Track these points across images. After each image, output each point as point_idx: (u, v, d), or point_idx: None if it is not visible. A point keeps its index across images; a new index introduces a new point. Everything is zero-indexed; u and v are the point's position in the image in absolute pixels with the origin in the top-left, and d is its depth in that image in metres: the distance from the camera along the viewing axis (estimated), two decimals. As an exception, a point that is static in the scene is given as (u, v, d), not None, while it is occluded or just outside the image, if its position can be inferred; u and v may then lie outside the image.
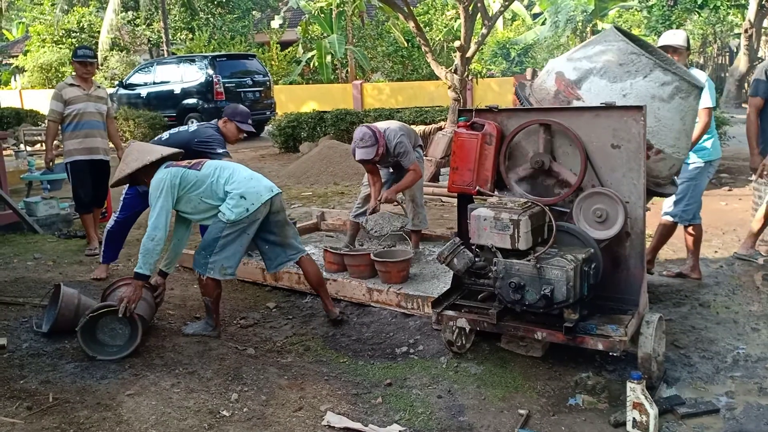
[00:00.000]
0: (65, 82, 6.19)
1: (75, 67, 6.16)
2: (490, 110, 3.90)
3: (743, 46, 18.39)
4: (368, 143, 5.10)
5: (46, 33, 26.32)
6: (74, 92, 6.04)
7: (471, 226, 3.51)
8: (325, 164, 10.68)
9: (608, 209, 3.51)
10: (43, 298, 4.49)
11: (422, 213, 5.76)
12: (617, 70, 3.62)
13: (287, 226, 4.44)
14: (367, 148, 5.11)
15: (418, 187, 5.67)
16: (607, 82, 3.62)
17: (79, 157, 6.04)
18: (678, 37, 4.91)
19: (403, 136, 5.29)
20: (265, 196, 4.14)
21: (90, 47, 6.52)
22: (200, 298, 4.47)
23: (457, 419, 3.30)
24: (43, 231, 6.98)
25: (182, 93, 16.03)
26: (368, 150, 5.11)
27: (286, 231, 4.42)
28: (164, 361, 3.82)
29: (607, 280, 3.61)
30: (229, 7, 27.52)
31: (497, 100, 13.15)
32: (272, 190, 4.22)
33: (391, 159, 5.37)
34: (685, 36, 4.95)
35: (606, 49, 3.70)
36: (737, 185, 8.60)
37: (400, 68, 21.27)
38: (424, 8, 22.38)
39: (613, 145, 3.54)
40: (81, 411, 3.21)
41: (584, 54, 3.78)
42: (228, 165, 4.29)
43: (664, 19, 17.62)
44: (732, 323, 4.32)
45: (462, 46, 10.22)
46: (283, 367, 3.89)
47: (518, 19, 26.75)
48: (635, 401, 3.07)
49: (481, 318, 3.60)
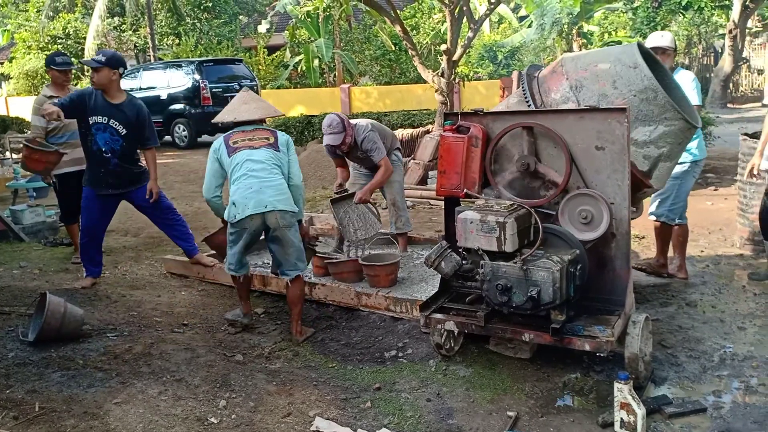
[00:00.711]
0: (43, 95, 5.95)
1: (54, 75, 5.92)
2: (476, 113, 3.91)
3: (728, 46, 18.51)
4: (336, 129, 5.18)
5: (31, 40, 26.12)
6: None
7: (458, 229, 3.52)
8: (313, 168, 10.66)
9: (593, 210, 3.53)
10: (29, 307, 4.46)
11: (405, 216, 5.76)
12: (677, 149, 3.91)
13: (286, 245, 4.31)
14: (335, 135, 5.19)
15: (399, 190, 5.68)
16: (669, 164, 3.93)
17: (67, 169, 5.82)
18: (665, 38, 4.98)
19: (372, 132, 5.34)
20: (251, 210, 4.14)
21: (66, 54, 6.40)
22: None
23: (446, 422, 3.30)
24: (29, 239, 6.94)
25: (169, 99, 15.97)
26: (336, 136, 5.19)
27: (284, 249, 4.32)
28: (151, 369, 3.80)
29: (594, 281, 3.64)
30: (216, 11, 27.42)
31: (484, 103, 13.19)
32: (264, 207, 4.16)
33: (360, 153, 5.42)
34: (671, 37, 5.02)
35: (669, 131, 3.76)
36: (723, 185, 8.66)
37: (387, 72, 21.29)
38: (410, 12, 22.42)
39: (598, 147, 3.57)
40: (68, 420, 3.18)
41: (648, 138, 3.76)
42: (248, 166, 4.24)
43: (649, 20, 17.71)
44: (719, 322, 4.35)
45: (448, 50, 10.25)
46: (271, 373, 3.88)
47: (504, 22, 26.82)
48: (623, 401, 3.09)
49: (469, 320, 3.61)
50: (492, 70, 23.42)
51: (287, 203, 4.26)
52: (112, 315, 4.63)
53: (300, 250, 4.39)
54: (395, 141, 5.76)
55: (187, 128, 15.96)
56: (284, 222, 4.24)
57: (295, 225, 4.36)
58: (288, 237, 4.28)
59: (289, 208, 4.26)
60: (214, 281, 5.46)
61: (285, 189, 4.30)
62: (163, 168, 12.32)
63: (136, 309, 4.80)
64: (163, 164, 12.93)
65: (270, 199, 4.18)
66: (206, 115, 15.72)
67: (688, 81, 4.85)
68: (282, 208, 4.21)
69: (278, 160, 4.35)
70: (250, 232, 4.27)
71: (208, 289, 5.39)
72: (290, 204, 4.29)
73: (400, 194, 5.72)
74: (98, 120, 5.06)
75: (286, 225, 4.25)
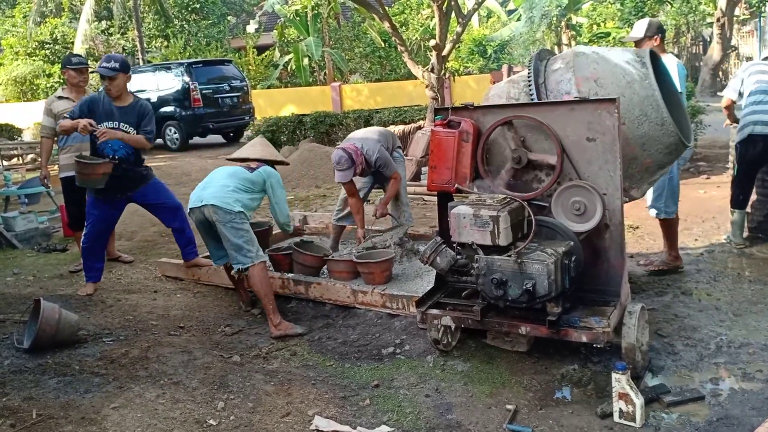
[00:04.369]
0: (55, 95, 5.95)
1: (70, 75, 5.83)
2: (466, 108, 3.91)
3: (716, 35, 18.59)
4: (344, 167, 5.21)
5: (18, 45, 26.00)
6: (64, 105, 5.76)
7: (451, 224, 3.52)
8: (305, 167, 10.65)
9: (586, 202, 3.53)
10: (24, 314, 4.43)
11: (407, 211, 5.80)
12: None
13: (224, 239, 4.57)
14: (344, 172, 5.23)
15: (402, 185, 5.73)
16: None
17: (70, 173, 5.62)
18: (637, 30, 4.97)
19: (382, 149, 5.37)
20: (190, 204, 4.66)
21: (81, 55, 6.33)
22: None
23: (445, 417, 3.30)
24: (22, 246, 6.90)
25: (159, 101, 15.87)
26: (346, 173, 5.24)
27: (225, 242, 4.59)
28: (149, 373, 3.78)
29: (589, 273, 3.64)
30: (204, 13, 27.35)
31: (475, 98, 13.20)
32: (200, 202, 4.57)
33: (371, 170, 5.46)
34: (643, 26, 4.97)
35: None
36: (715, 173, 8.69)
37: (378, 69, 21.30)
38: (399, 8, 22.43)
39: (589, 138, 3.57)
40: (65, 426, 3.17)
41: None
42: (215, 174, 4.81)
43: (637, 10, 17.77)
44: (714, 310, 4.36)
45: (438, 45, 10.24)
46: (269, 373, 3.87)
47: (493, 16, 26.80)
48: (621, 391, 3.10)
49: (466, 315, 3.61)
50: (482, 64, 23.41)
51: (223, 201, 4.50)
52: (107, 319, 4.62)
53: (238, 246, 4.52)
54: (395, 140, 5.79)
55: (178, 131, 15.90)
56: (216, 217, 4.51)
57: (234, 222, 4.50)
58: (223, 232, 4.53)
59: (223, 205, 4.49)
60: (209, 283, 5.45)
61: (229, 191, 4.56)
62: (155, 171, 12.27)
63: (131, 313, 4.78)
64: (155, 167, 12.76)
65: (206, 195, 4.57)
66: (197, 117, 15.69)
67: (672, 68, 4.84)
68: (213, 203, 4.50)
69: (245, 177, 4.70)
70: (197, 225, 4.72)
71: (203, 291, 5.37)
72: (227, 203, 4.50)
73: (403, 189, 5.78)
74: (109, 126, 5.02)
75: (219, 220, 4.51)
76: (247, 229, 4.56)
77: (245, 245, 4.53)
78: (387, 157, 5.40)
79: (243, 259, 4.54)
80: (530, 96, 3.89)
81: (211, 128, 16.07)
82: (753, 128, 5.39)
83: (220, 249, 4.75)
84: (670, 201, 4.98)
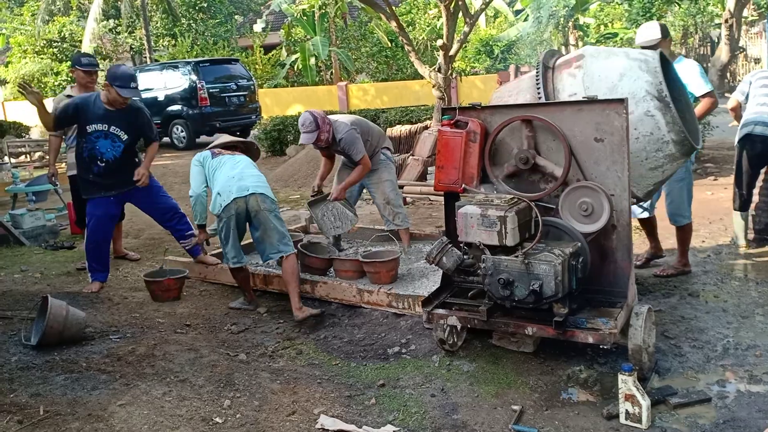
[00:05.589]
0: (63, 94, 5.94)
1: (79, 75, 5.82)
2: (474, 108, 3.90)
3: (724, 36, 18.48)
4: (308, 128, 5.23)
5: (27, 44, 26.08)
6: None
7: (458, 224, 3.52)
8: (312, 167, 10.65)
9: (594, 203, 3.52)
10: (31, 311, 4.45)
11: (402, 212, 5.72)
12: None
13: (268, 228, 4.66)
14: (308, 134, 5.25)
15: (391, 189, 5.65)
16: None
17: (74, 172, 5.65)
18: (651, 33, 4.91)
19: (350, 132, 5.34)
20: (234, 194, 4.57)
21: (92, 55, 6.35)
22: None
23: (450, 417, 3.30)
24: (29, 243, 6.93)
25: (166, 100, 15.95)
26: (309, 135, 5.26)
27: (268, 232, 4.67)
28: (155, 370, 3.79)
29: (596, 274, 3.63)
30: (211, 12, 27.42)
31: (482, 98, 13.18)
32: (246, 191, 4.59)
33: (339, 149, 5.47)
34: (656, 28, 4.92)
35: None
36: (722, 174, 8.65)
37: (384, 68, 21.29)
38: (406, 8, 22.41)
39: (597, 139, 3.56)
40: (72, 423, 3.18)
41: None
42: (227, 162, 4.80)
43: (645, 11, 17.67)
44: (721, 312, 4.35)
45: (445, 45, 10.23)
46: (275, 372, 3.88)
47: (500, 16, 26.78)
48: (627, 393, 3.09)
49: (472, 315, 3.61)
50: (489, 64, 23.40)
51: (267, 190, 4.71)
52: (114, 317, 4.63)
53: (282, 234, 4.69)
54: (383, 140, 5.72)
55: (186, 129, 15.94)
56: (265, 205, 4.63)
57: (277, 211, 4.73)
58: (269, 221, 4.64)
59: (269, 194, 4.69)
60: (216, 281, 5.46)
61: (264, 179, 4.79)
62: (161, 169, 12.34)
63: (138, 311, 4.80)
64: (162, 165, 12.94)
65: (251, 184, 4.63)
66: (204, 115, 15.72)
67: (693, 70, 4.82)
68: (263, 192, 4.65)
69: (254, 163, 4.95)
70: (236, 217, 4.62)
71: (209, 289, 5.39)
72: (269, 191, 4.72)
73: (393, 192, 5.68)
74: (98, 128, 5.03)
75: (267, 208, 4.64)
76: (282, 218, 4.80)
77: (287, 233, 4.76)
78: (353, 140, 5.33)
79: (285, 248, 4.70)
80: (537, 96, 3.88)
81: (218, 127, 16.10)
82: (753, 128, 5.40)
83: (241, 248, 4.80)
84: (687, 206, 4.97)
